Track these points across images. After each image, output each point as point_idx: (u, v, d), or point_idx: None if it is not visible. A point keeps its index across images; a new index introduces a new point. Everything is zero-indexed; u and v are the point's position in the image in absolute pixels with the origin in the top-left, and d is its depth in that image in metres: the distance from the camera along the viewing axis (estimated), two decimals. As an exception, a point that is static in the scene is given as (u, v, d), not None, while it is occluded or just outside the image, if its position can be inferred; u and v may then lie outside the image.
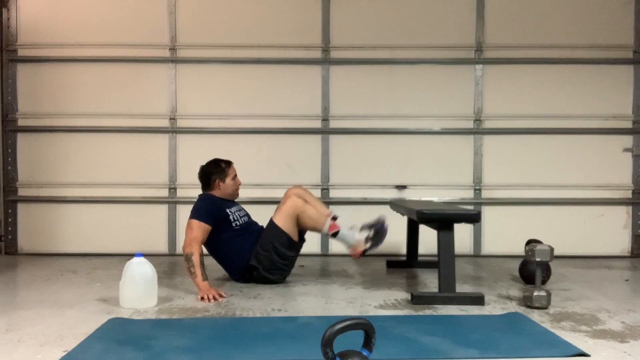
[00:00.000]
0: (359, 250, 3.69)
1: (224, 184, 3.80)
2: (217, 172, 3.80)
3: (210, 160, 3.87)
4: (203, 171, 3.85)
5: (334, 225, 3.67)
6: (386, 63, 5.03)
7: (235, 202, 3.88)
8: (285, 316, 2.91)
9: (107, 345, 2.39)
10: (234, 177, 3.84)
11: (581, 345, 2.38)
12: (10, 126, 5.02)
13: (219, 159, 3.87)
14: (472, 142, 5.05)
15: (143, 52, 5.01)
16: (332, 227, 3.66)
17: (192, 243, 3.42)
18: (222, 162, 3.84)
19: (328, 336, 1.83)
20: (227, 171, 3.81)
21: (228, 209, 3.71)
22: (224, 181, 3.80)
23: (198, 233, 3.47)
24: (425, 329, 2.64)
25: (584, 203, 5.02)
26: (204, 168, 3.86)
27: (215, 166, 3.83)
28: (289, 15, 5.04)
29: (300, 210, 3.63)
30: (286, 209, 3.65)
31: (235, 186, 3.85)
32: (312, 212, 3.66)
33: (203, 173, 3.85)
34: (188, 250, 3.39)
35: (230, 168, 3.85)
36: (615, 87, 5.02)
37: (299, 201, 3.66)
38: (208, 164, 3.86)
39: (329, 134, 5.06)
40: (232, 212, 3.72)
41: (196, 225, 3.49)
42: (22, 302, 3.22)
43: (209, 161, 3.87)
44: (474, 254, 5.02)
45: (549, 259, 3.06)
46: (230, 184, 3.82)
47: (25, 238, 5.04)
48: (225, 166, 3.83)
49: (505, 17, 5.03)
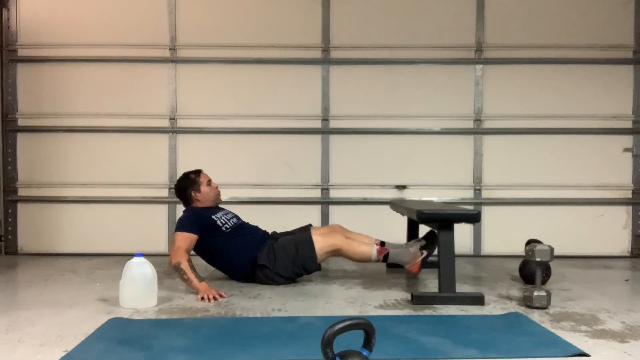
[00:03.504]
0: (417, 262, 3.61)
1: (201, 193, 3.80)
2: (190, 185, 3.81)
3: (180, 177, 3.91)
4: (177, 189, 3.90)
5: (381, 250, 3.66)
6: (386, 63, 5.03)
7: (221, 208, 3.89)
8: (285, 316, 2.91)
9: (107, 345, 2.39)
10: (209, 182, 3.85)
11: (581, 345, 2.38)
12: (10, 126, 5.02)
13: (188, 172, 3.89)
14: (472, 142, 5.05)
15: (143, 52, 5.01)
16: (379, 251, 3.65)
17: (176, 253, 3.41)
18: (190, 174, 3.86)
19: (328, 336, 1.83)
20: (198, 180, 3.82)
21: (213, 215, 3.71)
22: (199, 191, 3.80)
23: (181, 243, 3.46)
24: (425, 329, 2.64)
25: (583, 203, 5.02)
26: (177, 186, 3.90)
27: (186, 180, 3.85)
28: (289, 15, 5.04)
29: (343, 247, 3.62)
30: (329, 238, 3.64)
31: (213, 191, 3.85)
32: (356, 245, 3.64)
33: (177, 191, 3.89)
34: (175, 261, 3.39)
35: (201, 176, 3.85)
36: (615, 87, 5.02)
37: (344, 239, 3.65)
38: (179, 180, 3.90)
39: (329, 134, 5.06)
40: (219, 217, 3.72)
41: (179, 236, 3.50)
42: (22, 302, 3.22)
43: (179, 178, 3.91)
44: (474, 254, 5.02)
45: (549, 259, 3.06)
46: (207, 190, 3.82)
47: (25, 238, 5.04)
48: (195, 177, 3.84)
49: (505, 17, 5.04)
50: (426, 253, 3.62)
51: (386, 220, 4.70)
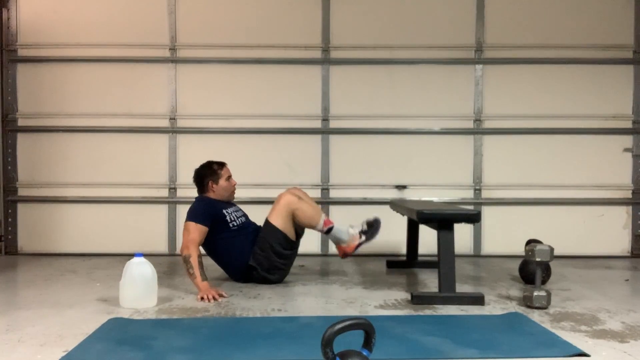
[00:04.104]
0: (352, 244, 3.66)
1: (218, 185, 3.80)
2: (210, 175, 3.80)
3: (204, 163, 3.88)
4: (197, 174, 3.87)
5: (328, 221, 3.67)
6: (386, 63, 5.03)
7: (232, 203, 3.88)
8: (285, 316, 2.91)
9: (107, 345, 2.39)
10: (228, 178, 3.84)
11: (581, 345, 2.38)
12: (10, 126, 5.02)
13: (212, 161, 3.87)
14: (472, 142, 5.05)
15: (143, 52, 5.01)
16: (326, 222, 3.66)
17: (189, 245, 3.41)
18: (214, 164, 3.84)
19: (328, 336, 1.83)
20: (220, 173, 3.81)
21: (224, 210, 3.71)
22: (217, 183, 3.80)
23: (195, 235, 3.47)
24: (425, 329, 2.64)
25: (584, 203, 5.02)
26: (198, 171, 3.87)
27: (208, 168, 3.83)
28: (289, 15, 5.04)
29: (294, 207, 3.62)
30: (280, 207, 3.65)
31: (230, 187, 3.84)
32: (306, 207, 3.65)
33: (197, 176, 3.86)
34: (186, 252, 3.39)
35: (224, 169, 3.84)
36: (615, 87, 5.02)
37: (293, 198, 3.65)
38: (201, 166, 3.87)
39: (329, 134, 5.06)
40: (229, 212, 3.72)
41: (193, 227, 3.49)
42: (22, 302, 3.22)
43: (203, 164, 3.88)
44: (474, 254, 5.02)
45: (549, 259, 3.06)
46: (225, 185, 3.81)
47: (25, 238, 5.04)
48: (217, 168, 3.82)
49: (505, 17, 5.04)
50: (364, 239, 3.66)
51: (386, 220, 4.67)
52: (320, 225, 3.65)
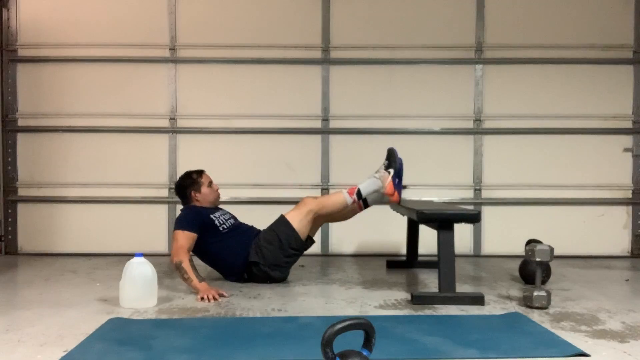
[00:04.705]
0: (389, 186, 3.57)
1: (201, 194, 3.81)
2: (191, 185, 3.82)
3: (182, 175, 3.91)
4: (177, 187, 3.90)
5: (351, 190, 3.65)
6: (386, 63, 5.03)
7: (218, 208, 3.90)
8: (285, 316, 2.91)
9: (107, 345, 2.39)
10: (210, 184, 3.85)
11: (581, 345, 2.38)
12: (10, 126, 5.02)
13: (190, 170, 3.89)
14: (472, 142, 5.05)
15: (143, 52, 5.01)
16: (350, 191, 3.65)
17: (178, 252, 3.42)
18: (193, 173, 3.86)
19: (328, 336, 1.83)
20: (200, 181, 3.82)
21: (212, 215, 3.72)
22: (199, 191, 3.81)
23: (183, 242, 3.47)
24: (425, 329, 2.64)
25: (584, 203, 5.02)
26: (178, 183, 3.90)
27: (187, 179, 3.85)
28: (289, 15, 5.04)
29: (317, 208, 3.63)
30: (300, 208, 3.66)
31: (213, 193, 3.86)
32: (325, 198, 3.72)
33: (178, 188, 3.89)
34: (176, 260, 3.39)
35: (203, 177, 3.85)
36: (615, 87, 5.02)
37: (313, 200, 3.68)
38: (180, 178, 3.90)
39: (328, 134, 5.06)
40: (217, 217, 3.74)
41: (180, 235, 3.50)
42: (22, 302, 3.22)
43: (181, 175, 3.91)
44: (474, 254, 5.02)
45: (549, 259, 3.06)
46: (207, 192, 3.82)
47: (25, 238, 5.04)
48: (197, 177, 3.84)
49: (505, 17, 5.03)
50: (393, 171, 3.60)
51: (386, 220, 4.70)
52: (348, 197, 3.64)
